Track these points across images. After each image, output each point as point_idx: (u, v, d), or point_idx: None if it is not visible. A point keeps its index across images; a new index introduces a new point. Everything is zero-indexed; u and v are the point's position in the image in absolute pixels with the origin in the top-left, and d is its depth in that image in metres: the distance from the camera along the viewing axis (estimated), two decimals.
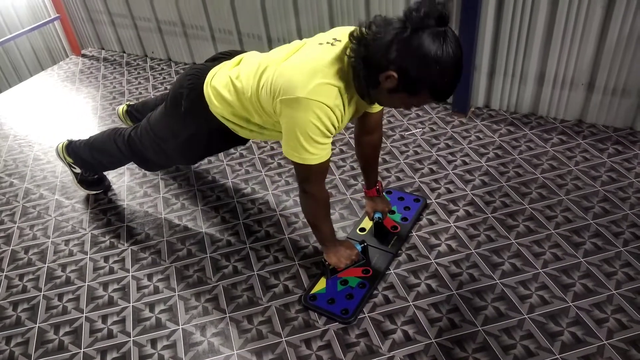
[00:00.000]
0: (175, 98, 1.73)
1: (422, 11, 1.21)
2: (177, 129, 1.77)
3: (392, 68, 1.26)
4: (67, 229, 2.15)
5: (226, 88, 1.60)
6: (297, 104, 1.36)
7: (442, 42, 1.21)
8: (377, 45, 1.27)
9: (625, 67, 2.18)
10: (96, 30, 3.76)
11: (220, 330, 1.65)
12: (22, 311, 1.80)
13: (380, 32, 1.27)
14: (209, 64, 1.75)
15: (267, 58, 1.56)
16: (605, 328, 1.52)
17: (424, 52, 1.21)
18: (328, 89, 1.36)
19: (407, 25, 1.23)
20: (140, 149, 1.95)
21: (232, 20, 3.07)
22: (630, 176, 2.07)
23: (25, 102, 3.23)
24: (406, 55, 1.24)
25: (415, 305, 1.66)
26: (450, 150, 2.34)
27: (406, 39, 1.22)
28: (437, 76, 1.25)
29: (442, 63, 1.23)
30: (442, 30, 1.22)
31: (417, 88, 1.29)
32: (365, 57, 1.30)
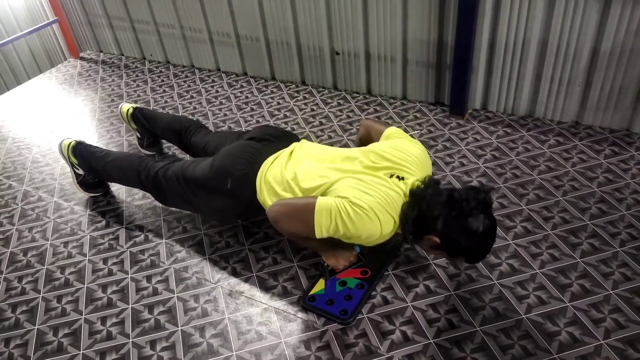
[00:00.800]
0: (223, 173, 1.78)
1: (472, 203, 1.45)
2: (214, 196, 1.82)
3: (436, 234, 1.50)
4: (66, 231, 2.15)
5: (281, 186, 1.69)
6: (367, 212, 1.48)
7: (483, 226, 1.45)
8: (428, 212, 1.50)
9: (621, 69, 2.20)
10: (94, 33, 3.77)
11: (219, 331, 1.65)
12: (21, 313, 1.80)
13: (432, 202, 1.50)
14: (261, 147, 1.83)
15: (330, 170, 1.67)
16: (603, 328, 1.53)
17: (467, 233, 1.46)
18: (392, 225, 1.55)
19: (456, 208, 1.46)
20: (165, 189, 1.96)
21: (230, 23, 3.08)
22: (626, 177, 2.09)
23: (24, 105, 3.24)
24: (451, 230, 1.47)
25: (414, 305, 1.66)
26: (448, 152, 2.35)
27: (454, 218, 1.46)
28: (473, 250, 1.52)
29: (481, 242, 1.50)
30: (485, 216, 1.46)
31: (455, 254, 1.56)
32: (417, 217, 1.52)
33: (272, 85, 3.12)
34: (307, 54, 2.95)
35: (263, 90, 3.07)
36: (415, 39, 2.57)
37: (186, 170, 1.88)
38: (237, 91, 3.09)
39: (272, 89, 3.07)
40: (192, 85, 3.22)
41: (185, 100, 3.05)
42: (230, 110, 2.89)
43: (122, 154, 2.22)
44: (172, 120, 2.36)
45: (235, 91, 3.09)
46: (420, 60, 2.63)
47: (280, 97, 2.97)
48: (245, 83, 3.18)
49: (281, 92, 3.03)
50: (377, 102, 2.82)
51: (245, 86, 3.14)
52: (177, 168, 1.92)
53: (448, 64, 2.56)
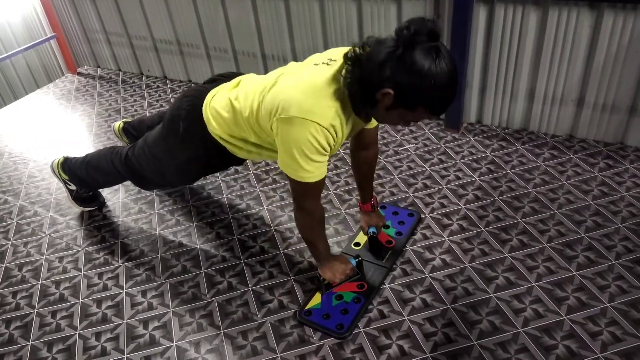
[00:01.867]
0: (173, 119, 1.75)
1: (412, 28, 1.23)
2: (174, 149, 1.78)
3: (387, 85, 1.28)
4: (61, 245, 2.14)
5: (225, 109, 1.62)
6: (293, 123, 1.38)
7: (435, 57, 1.23)
8: (371, 64, 1.29)
9: (614, 83, 2.22)
10: (92, 49, 3.80)
11: (215, 346, 1.64)
12: (15, 329, 1.78)
13: (373, 52, 1.30)
14: (207, 85, 1.77)
15: (264, 79, 1.59)
16: (600, 341, 1.53)
17: (418, 67, 1.23)
18: (324, 109, 1.38)
19: (399, 43, 1.25)
20: (137, 168, 1.95)
21: (227, 39, 3.11)
22: (621, 190, 2.10)
23: (21, 120, 3.24)
24: (401, 71, 1.25)
25: (410, 319, 1.66)
26: (443, 165, 2.36)
27: (399, 56, 1.24)
28: (432, 90, 1.27)
29: (437, 77, 1.24)
30: (434, 45, 1.24)
31: (413, 103, 1.31)
32: (361, 78, 1.33)
33: None
34: None
35: None
36: None
37: (147, 137, 1.90)
38: None
39: None
40: None
41: None
42: None
43: (96, 151, 2.21)
44: (155, 116, 2.38)
45: None
46: None
47: None
48: None
49: None
50: None
51: None
52: (141, 140, 1.93)
53: None
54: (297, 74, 1.49)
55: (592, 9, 2.11)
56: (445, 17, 2.38)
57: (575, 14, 2.14)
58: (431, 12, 2.40)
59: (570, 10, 2.14)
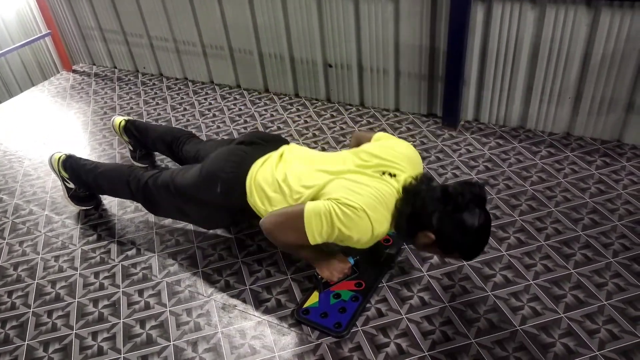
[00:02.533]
0: (212, 178, 1.76)
1: (467, 197, 1.42)
2: (205, 203, 1.81)
3: (431, 230, 1.47)
4: (57, 244, 2.13)
5: (271, 188, 1.67)
6: (359, 212, 1.46)
7: (478, 220, 1.43)
8: (423, 209, 1.48)
9: (611, 80, 2.23)
10: (87, 46, 3.77)
11: (212, 345, 1.63)
12: (10, 328, 1.77)
13: (427, 197, 1.48)
14: (250, 149, 1.81)
15: (318, 169, 1.67)
16: (597, 339, 1.53)
17: (463, 228, 1.43)
18: (385, 226, 1.54)
19: (451, 203, 1.43)
20: (155, 198, 1.96)
21: (223, 36, 3.10)
22: (618, 188, 2.10)
23: (16, 118, 3.22)
24: (446, 225, 1.45)
25: (408, 318, 1.66)
26: (440, 163, 2.36)
27: (448, 213, 1.44)
28: (469, 245, 1.50)
29: (476, 237, 1.47)
30: (481, 211, 1.44)
31: (451, 250, 1.52)
32: (411, 215, 1.51)
33: (265, 97, 3.13)
34: (301, 67, 2.96)
35: (256, 103, 3.07)
36: (407, 51, 2.59)
37: (176, 177, 1.88)
38: (230, 103, 3.10)
39: (265, 101, 3.08)
40: (185, 98, 3.22)
41: (178, 113, 3.04)
42: (224, 122, 2.89)
43: (111, 165, 2.20)
44: (163, 132, 2.36)
45: (229, 103, 3.10)
46: (413, 72, 2.64)
47: (273, 109, 2.98)
48: (239, 95, 3.18)
49: (274, 104, 3.03)
50: (370, 114, 2.83)
51: (238, 98, 3.15)
52: (167, 176, 1.91)
53: (440, 76, 2.57)
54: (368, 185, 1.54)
55: (589, 7, 2.11)
56: (443, 14, 2.38)
57: (573, 12, 2.14)
58: (429, 10, 2.40)
59: (568, 8, 2.14)
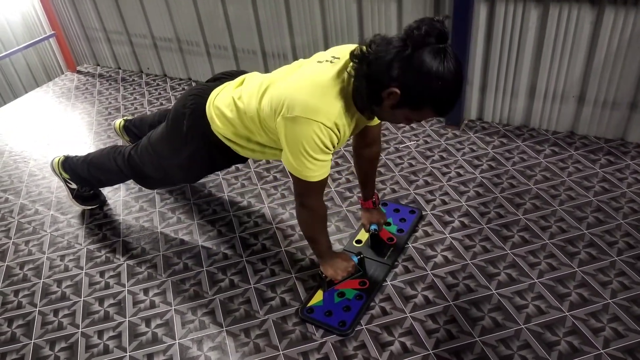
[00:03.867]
0: (177, 117, 1.75)
1: (423, 29, 1.23)
2: (178, 147, 1.78)
3: (394, 85, 1.29)
4: (63, 244, 2.14)
5: (229, 108, 1.62)
6: (297, 122, 1.38)
7: (443, 59, 1.24)
8: (379, 63, 1.29)
9: (614, 79, 2.22)
10: (91, 47, 3.79)
11: (217, 344, 1.64)
12: (17, 327, 1.78)
13: (381, 50, 1.29)
14: (210, 84, 1.77)
15: (268, 78, 1.59)
16: (602, 337, 1.53)
17: (426, 68, 1.24)
18: (328, 107, 1.38)
19: (408, 43, 1.25)
20: (141, 167, 1.96)
21: (227, 36, 3.10)
22: (622, 186, 2.10)
23: (21, 118, 3.24)
24: (408, 72, 1.26)
25: (413, 316, 1.66)
26: (444, 162, 2.36)
27: (408, 57, 1.25)
28: (439, 91, 1.28)
29: (444, 78, 1.25)
30: (442, 47, 1.25)
31: (419, 103, 1.32)
32: (368, 75, 1.33)
33: None
34: None
35: None
36: None
37: (151, 136, 1.90)
38: None
39: None
40: None
41: None
42: None
43: (98, 150, 2.21)
44: (156, 114, 2.37)
45: None
46: None
47: None
48: None
49: None
50: None
51: None
52: (144, 139, 1.94)
53: None
54: (301, 72, 1.48)
55: (593, 6, 2.11)
56: (446, 14, 2.38)
57: (576, 11, 2.14)
58: (432, 8, 2.40)
59: (571, 6, 2.14)
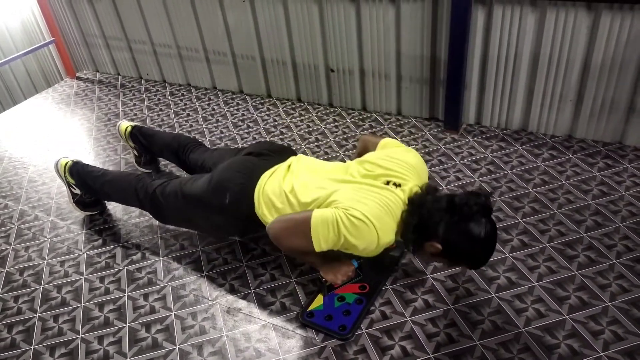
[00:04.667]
0: (221, 188, 1.78)
1: (473, 207, 1.43)
2: (213, 213, 1.82)
3: (438, 240, 1.48)
4: (63, 250, 2.14)
5: (279, 200, 1.68)
6: (367, 222, 1.47)
7: (484, 229, 1.44)
8: (429, 220, 1.48)
9: (612, 83, 2.24)
10: (91, 53, 3.80)
11: (217, 349, 1.64)
12: (17, 333, 1.78)
13: (433, 208, 1.48)
14: (259, 161, 1.83)
15: (326, 181, 1.67)
16: (602, 340, 1.53)
17: (470, 237, 1.45)
18: (391, 232, 1.54)
19: (457, 213, 1.44)
20: (164, 207, 1.97)
21: (226, 43, 3.12)
22: (620, 189, 2.10)
23: (20, 125, 3.24)
24: (453, 236, 1.46)
25: (413, 320, 1.66)
26: (443, 167, 2.37)
27: (455, 223, 1.45)
28: (476, 255, 1.51)
29: (483, 247, 1.49)
30: (486, 220, 1.45)
31: (457, 261, 1.55)
32: (417, 226, 1.51)
33: (268, 102, 3.14)
34: (303, 72, 2.98)
35: (259, 108, 3.09)
36: (408, 55, 2.60)
37: (184, 186, 1.89)
38: (233, 109, 3.11)
39: (268, 107, 3.10)
40: (188, 104, 3.24)
41: (181, 119, 3.06)
42: (227, 127, 2.91)
43: (119, 173, 2.22)
44: (170, 139, 2.37)
45: (232, 109, 3.12)
46: (414, 76, 2.66)
47: (276, 114, 3.00)
48: (242, 101, 3.20)
49: (277, 109, 3.05)
50: (372, 118, 2.85)
51: (241, 104, 3.16)
52: (175, 185, 1.92)
53: (441, 80, 2.59)
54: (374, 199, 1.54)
55: (589, 10, 2.12)
56: (444, 19, 2.40)
57: (573, 15, 2.15)
58: (430, 15, 2.42)
59: (568, 11, 2.15)
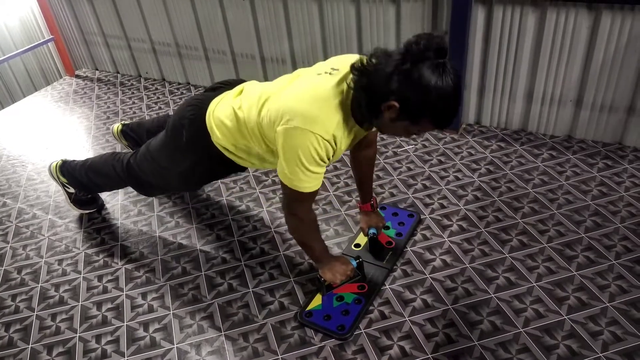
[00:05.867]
0: (176, 128, 1.75)
1: (422, 44, 1.26)
2: (178, 157, 1.79)
3: (393, 98, 1.31)
4: (61, 248, 2.13)
5: (228, 118, 1.63)
6: (294, 133, 1.39)
7: (442, 73, 1.27)
8: (378, 76, 1.32)
9: (612, 83, 2.23)
10: (90, 51, 3.79)
11: (215, 348, 1.64)
12: (14, 332, 1.78)
13: (381, 63, 1.32)
14: (209, 93, 1.77)
15: (268, 88, 1.60)
16: (600, 340, 1.53)
17: (425, 82, 1.26)
18: (327, 120, 1.40)
19: (407, 57, 1.27)
20: (140, 174, 1.96)
21: (225, 41, 3.11)
22: (620, 190, 2.10)
23: (19, 123, 3.24)
24: (407, 85, 1.28)
25: (411, 320, 1.66)
26: (442, 166, 2.37)
27: (407, 70, 1.27)
28: (437, 104, 1.30)
29: (442, 92, 1.28)
30: (441, 62, 1.27)
31: (418, 116, 1.34)
32: (367, 88, 1.35)
33: None
34: None
35: None
36: None
37: (150, 144, 1.90)
38: None
39: None
40: None
41: None
42: None
43: (97, 156, 2.21)
44: (155, 120, 2.38)
45: None
46: None
47: None
48: None
49: None
50: None
51: None
52: (143, 147, 1.94)
53: None
54: (300, 84, 1.49)
55: (590, 10, 2.12)
56: (444, 18, 2.39)
57: (574, 15, 2.15)
58: (430, 13, 2.41)
59: (569, 11, 2.15)
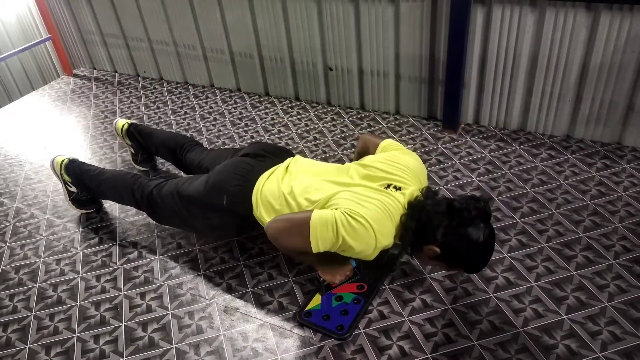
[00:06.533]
0: (218, 190, 1.77)
1: (472, 212, 1.44)
2: (211, 214, 1.81)
3: (436, 244, 1.49)
4: (59, 248, 2.13)
5: (277, 202, 1.67)
6: (365, 226, 1.47)
7: (483, 235, 1.45)
8: (429, 224, 1.49)
9: (610, 83, 2.24)
10: (88, 51, 3.78)
11: (214, 348, 1.63)
12: (12, 332, 1.77)
13: (432, 212, 1.49)
14: (256, 162, 1.83)
15: (323, 181, 1.68)
16: (599, 340, 1.53)
17: (467, 242, 1.46)
18: (390, 235, 1.55)
19: (457, 218, 1.45)
20: (160, 208, 1.95)
21: (224, 40, 3.10)
22: (618, 190, 2.10)
23: (16, 122, 3.22)
24: (452, 240, 1.47)
25: (411, 320, 1.66)
26: (441, 166, 2.37)
27: (454, 228, 1.46)
28: (474, 260, 1.53)
29: (481, 251, 1.50)
30: (486, 226, 1.47)
31: (455, 265, 1.56)
32: (416, 230, 1.52)
33: (266, 101, 3.13)
34: (301, 70, 2.97)
35: (257, 106, 3.08)
36: (407, 54, 2.60)
37: (181, 187, 1.87)
38: (231, 107, 3.10)
39: (266, 105, 3.08)
40: (185, 102, 3.22)
41: (179, 117, 3.05)
42: (225, 126, 2.90)
43: (115, 172, 2.20)
44: (167, 137, 2.36)
45: (229, 107, 3.10)
46: (413, 75, 2.65)
47: (274, 113, 2.99)
48: (239, 99, 3.19)
49: (275, 108, 3.04)
50: (371, 117, 2.84)
51: (239, 102, 3.15)
52: (172, 186, 1.91)
53: (440, 79, 2.58)
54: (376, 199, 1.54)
55: (588, 10, 2.12)
56: (443, 18, 2.39)
57: (572, 15, 2.15)
58: (428, 13, 2.41)
59: (567, 11, 2.15)
